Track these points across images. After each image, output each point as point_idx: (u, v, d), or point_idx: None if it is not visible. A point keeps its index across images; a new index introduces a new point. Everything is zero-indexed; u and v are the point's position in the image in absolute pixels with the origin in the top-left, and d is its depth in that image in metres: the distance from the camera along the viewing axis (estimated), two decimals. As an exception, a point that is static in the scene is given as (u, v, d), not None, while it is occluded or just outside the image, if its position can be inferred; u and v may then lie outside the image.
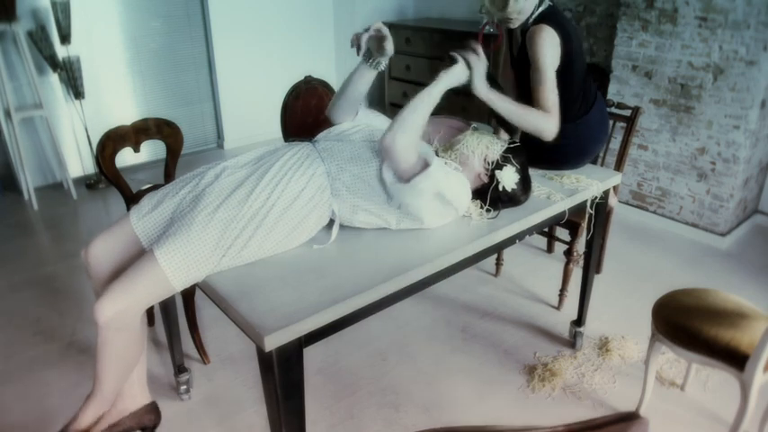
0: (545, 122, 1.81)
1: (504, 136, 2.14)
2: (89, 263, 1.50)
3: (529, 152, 1.81)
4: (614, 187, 2.11)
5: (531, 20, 1.88)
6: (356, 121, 1.78)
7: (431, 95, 1.59)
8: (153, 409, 1.62)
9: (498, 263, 2.89)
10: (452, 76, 1.66)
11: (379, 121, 1.80)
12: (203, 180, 1.46)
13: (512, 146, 1.76)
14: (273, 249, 1.44)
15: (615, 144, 3.23)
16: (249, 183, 1.43)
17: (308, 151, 1.54)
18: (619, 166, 2.58)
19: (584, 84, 2.00)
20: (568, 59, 1.87)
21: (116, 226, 1.49)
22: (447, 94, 1.81)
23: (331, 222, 1.56)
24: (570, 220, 2.04)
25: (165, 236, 1.34)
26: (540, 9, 1.88)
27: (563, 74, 1.88)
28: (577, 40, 1.93)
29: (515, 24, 1.91)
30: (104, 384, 1.46)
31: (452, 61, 1.69)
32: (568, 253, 2.50)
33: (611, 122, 2.57)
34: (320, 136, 1.67)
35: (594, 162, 2.41)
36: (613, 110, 2.65)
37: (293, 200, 1.44)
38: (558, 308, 2.62)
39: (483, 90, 1.74)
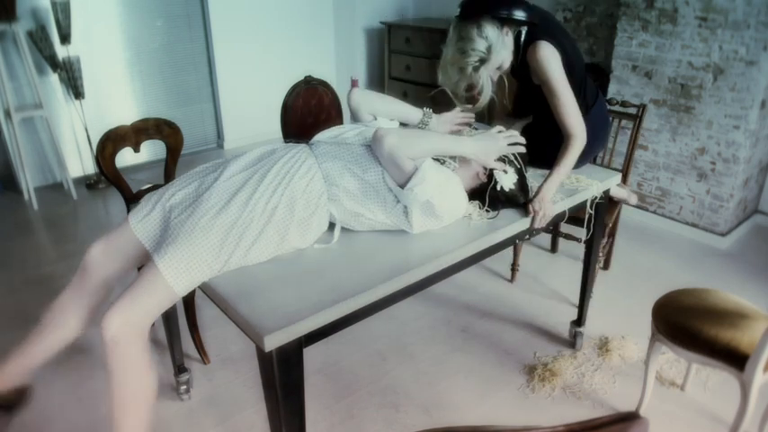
0: (579, 148, 1.82)
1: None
2: (87, 266, 1.50)
3: (531, 152, 1.81)
4: (624, 180, 2.09)
5: (521, 47, 1.84)
6: (373, 123, 1.77)
7: (449, 149, 1.61)
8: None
9: (514, 269, 2.81)
10: (486, 156, 1.63)
11: (390, 126, 1.78)
12: (203, 184, 1.46)
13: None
14: (276, 253, 1.44)
15: (620, 146, 3.23)
16: (248, 187, 1.42)
17: (306, 155, 1.53)
18: (627, 165, 2.59)
19: (584, 84, 1.99)
20: (567, 69, 1.85)
21: (116, 231, 1.49)
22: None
23: (332, 224, 1.56)
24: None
25: (166, 244, 1.33)
26: (523, 36, 1.82)
27: None
28: (571, 47, 1.90)
29: (486, 98, 1.81)
30: None
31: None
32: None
33: (614, 121, 2.58)
34: (318, 138, 1.66)
35: (597, 162, 2.42)
36: (618, 108, 2.65)
37: (293, 205, 1.44)
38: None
39: (549, 194, 1.75)
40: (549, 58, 1.79)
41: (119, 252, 1.48)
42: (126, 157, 3.56)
